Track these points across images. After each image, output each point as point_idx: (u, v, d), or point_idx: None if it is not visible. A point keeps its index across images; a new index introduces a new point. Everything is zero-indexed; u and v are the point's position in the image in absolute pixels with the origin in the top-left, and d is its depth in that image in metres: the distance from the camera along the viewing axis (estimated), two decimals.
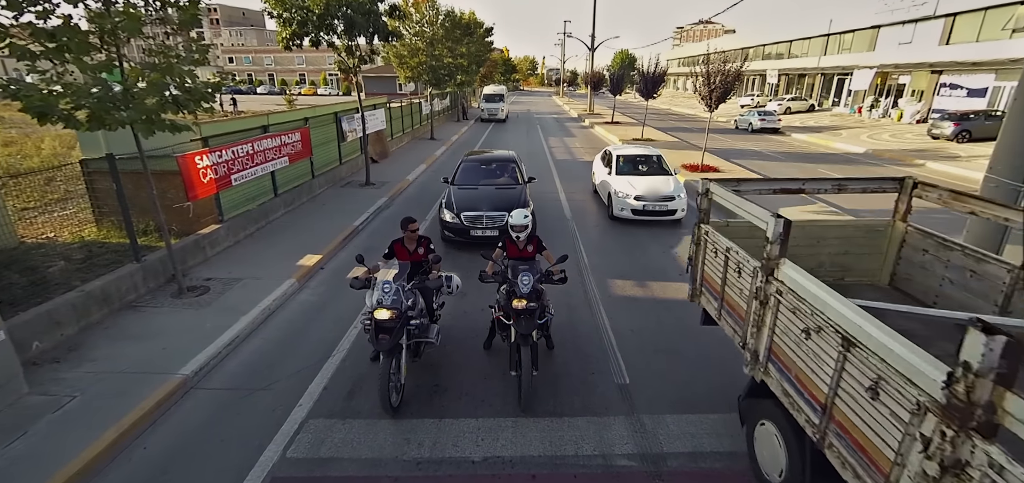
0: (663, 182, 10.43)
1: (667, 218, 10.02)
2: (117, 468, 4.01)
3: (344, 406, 4.77)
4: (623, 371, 5.32)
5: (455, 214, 8.55)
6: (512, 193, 9.24)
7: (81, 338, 5.65)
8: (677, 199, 9.98)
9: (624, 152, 11.86)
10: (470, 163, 10.44)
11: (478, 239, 8.40)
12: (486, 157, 10.92)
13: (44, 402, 4.54)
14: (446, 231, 8.72)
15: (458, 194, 9.10)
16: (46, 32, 4.86)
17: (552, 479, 3.92)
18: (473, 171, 10.17)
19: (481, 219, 8.49)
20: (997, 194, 5.71)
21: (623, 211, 10.05)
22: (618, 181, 10.52)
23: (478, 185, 9.52)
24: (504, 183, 9.84)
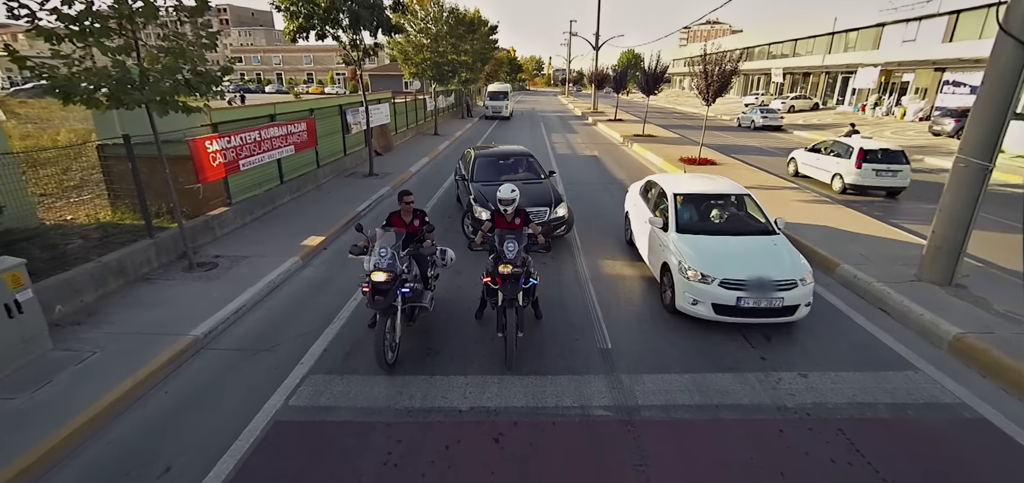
0: (767, 253, 5.95)
1: (780, 320, 5.64)
2: (135, 411, 4.38)
3: (342, 364, 5.12)
4: (606, 338, 5.64)
5: (490, 211, 7.81)
6: (541, 188, 8.90)
7: (98, 305, 6.05)
8: (799, 286, 5.47)
9: (686, 188, 7.16)
10: (487, 159, 9.95)
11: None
12: (502, 152, 10.45)
13: (67, 356, 4.92)
14: (476, 224, 8.18)
15: (488, 191, 8.37)
16: (70, 16, 5.25)
17: (533, 426, 4.23)
18: (492, 167, 9.66)
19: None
20: (966, 174, 5.97)
21: (698, 306, 5.62)
22: (682, 246, 6.03)
23: (502, 181, 8.96)
24: (528, 178, 9.45)
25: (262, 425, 4.23)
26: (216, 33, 6.51)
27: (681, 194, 7.04)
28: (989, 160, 5.78)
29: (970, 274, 6.71)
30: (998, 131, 5.69)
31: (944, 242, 6.29)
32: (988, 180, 5.91)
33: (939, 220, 6.32)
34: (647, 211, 7.52)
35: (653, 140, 22.21)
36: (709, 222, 6.87)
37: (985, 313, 5.71)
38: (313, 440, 4.07)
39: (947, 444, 4.00)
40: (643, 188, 8.35)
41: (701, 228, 6.61)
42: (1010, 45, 5.40)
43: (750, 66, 56.28)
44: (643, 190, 8.32)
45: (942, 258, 6.33)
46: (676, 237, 6.33)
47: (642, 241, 7.57)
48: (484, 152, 10.38)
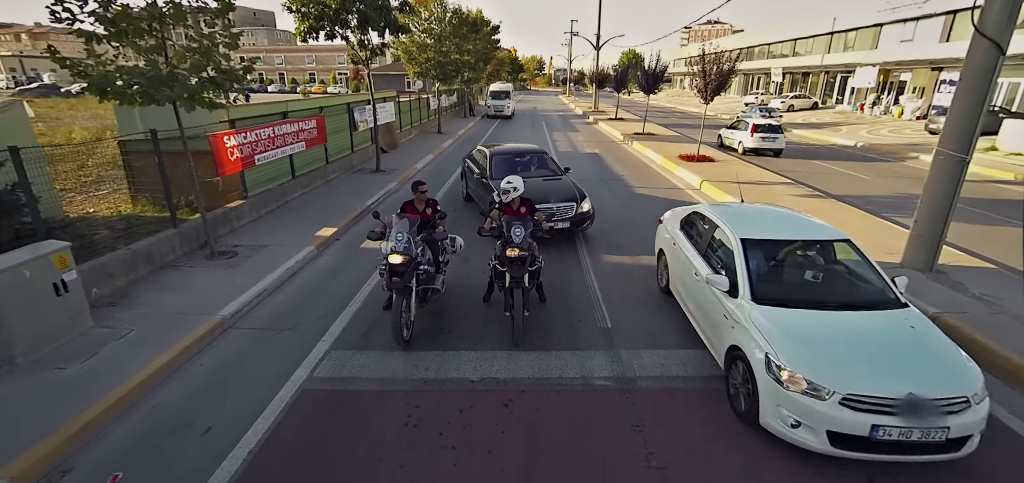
0: (907, 343, 3.98)
1: (940, 457, 3.55)
2: (174, 381, 4.78)
3: (361, 341, 5.51)
4: (606, 319, 6.03)
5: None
6: (563, 184, 9.02)
7: (130, 288, 6.44)
8: (971, 405, 3.49)
9: (757, 230, 5.09)
10: (504, 157, 9.97)
11: (554, 232, 7.66)
12: (517, 149, 10.55)
13: (107, 333, 5.32)
14: None
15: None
16: (108, 18, 5.64)
17: (539, 394, 4.62)
18: (509, 164, 9.67)
19: (553, 211, 8.04)
20: (945, 166, 6.34)
21: (801, 430, 3.66)
22: (768, 327, 4.10)
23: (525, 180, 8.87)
24: (546, 174, 9.60)
25: (291, 393, 4.62)
26: (239, 33, 6.90)
27: (753, 239, 4.82)
28: (966, 153, 6.15)
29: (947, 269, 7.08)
30: (974, 125, 6.06)
31: (925, 231, 6.66)
32: (965, 172, 6.28)
33: (920, 210, 6.69)
34: (696, 257, 5.44)
35: (653, 138, 22.59)
36: (800, 284, 4.68)
37: (962, 296, 6.09)
38: (339, 405, 4.47)
39: None
40: (686, 221, 6.15)
41: (790, 295, 4.40)
42: (984, 45, 5.78)
43: (750, 66, 56.63)
44: (686, 224, 6.15)
45: (923, 246, 6.71)
46: (755, 311, 4.22)
47: (691, 301, 5.45)
48: (500, 150, 10.41)
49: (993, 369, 4.86)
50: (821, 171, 16.06)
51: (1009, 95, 25.58)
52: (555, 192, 8.56)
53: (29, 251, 4.92)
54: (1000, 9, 5.60)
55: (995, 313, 5.62)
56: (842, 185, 13.62)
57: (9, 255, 4.77)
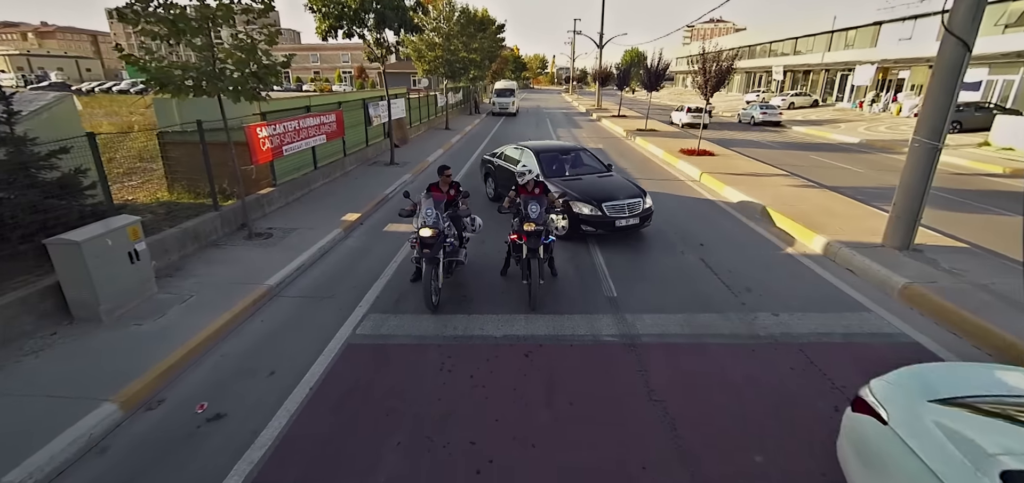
0: None
1: None
2: (236, 335, 5.49)
3: (394, 306, 6.20)
4: (612, 289, 6.70)
5: (596, 207, 8.07)
6: (620, 180, 9.27)
7: (182, 263, 7.15)
8: None
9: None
10: (550, 154, 9.92)
11: (623, 229, 8.15)
12: (559, 147, 10.50)
13: (171, 298, 6.02)
14: (586, 225, 8.12)
15: (574, 185, 8.69)
16: (169, 19, 6.34)
17: (555, 348, 5.30)
18: (556, 162, 9.70)
19: (623, 209, 8.12)
20: (920, 152, 6.99)
21: None
22: None
23: (580, 176, 9.27)
24: (597, 170, 9.72)
25: (338, 346, 5.31)
26: (278, 32, 7.58)
27: None
28: (938, 140, 6.79)
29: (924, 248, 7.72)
30: (945, 116, 6.70)
31: (903, 212, 7.30)
32: (938, 158, 6.92)
33: (899, 193, 7.34)
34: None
35: (655, 134, 23.23)
36: None
37: (934, 270, 6.74)
38: (380, 355, 5.15)
39: (882, 357, 5.03)
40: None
41: None
42: (952, 42, 6.42)
43: (752, 64, 57.14)
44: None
45: (901, 226, 7.36)
46: None
47: None
48: (545, 148, 10.28)
49: (952, 326, 5.54)
50: (817, 164, 16.69)
51: (1003, 92, 26.12)
52: (620, 189, 8.60)
53: (108, 223, 5.62)
54: (966, 11, 6.24)
55: (959, 282, 6.27)
56: (836, 177, 14.24)
57: (93, 226, 5.47)
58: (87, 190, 6.96)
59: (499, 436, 3.97)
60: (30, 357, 4.73)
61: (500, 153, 11.24)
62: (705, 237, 8.77)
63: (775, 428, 4.05)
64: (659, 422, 4.14)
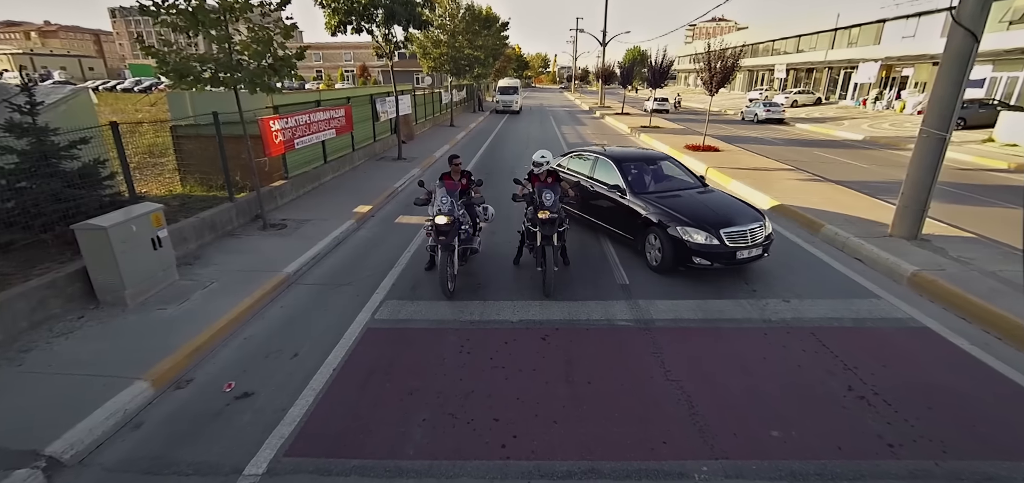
0: None
1: None
2: (258, 320, 5.60)
3: (411, 293, 6.31)
4: (624, 277, 6.80)
5: (712, 234, 6.34)
6: (726, 197, 7.69)
7: (200, 251, 7.26)
8: None
9: None
10: (634, 163, 8.06)
11: (743, 261, 6.47)
12: (645, 154, 8.80)
13: (193, 284, 6.13)
14: (699, 256, 6.35)
15: (674, 205, 6.93)
16: (189, 13, 6.45)
17: (571, 331, 5.40)
18: (643, 173, 7.98)
19: (745, 237, 6.45)
20: (928, 143, 7.08)
21: None
22: None
23: (676, 193, 7.48)
24: (692, 184, 7.97)
25: (358, 330, 5.42)
26: (293, 25, 7.69)
27: None
28: (946, 130, 6.88)
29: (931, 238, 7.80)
30: (953, 106, 6.78)
31: (911, 202, 7.39)
32: (946, 148, 7.01)
33: (906, 184, 7.42)
34: None
35: (659, 131, 23.31)
36: None
37: (941, 258, 6.83)
38: (400, 338, 5.26)
39: (893, 342, 5.13)
40: None
41: None
42: (961, 33, 6.51)
43: (755, 62, 57.14)
44: None
45: (909, 216, 7.44)
46: None
47: None
48: (627, 156, 8.35)
49: (961, 311, 5.63)
50: (822, 160, 16.75)
51: (1007, 89, 26.14)
52: (736, 211, 6.94)
53: (131, 210, 5.73)
54: (974, 2, 6.32)
55: (967, 270, 6.36)
56: (841, 172, 14.31)
57: (119, 213, 5.59)
58: (105, 180, 7.10)
59: (521, 413, 4.08)
60: (61, 338, 4.84)
61: (563, 161, 9.29)
62: None
63: (789, 405, 4.15)
64: (676, 400, 4.24)
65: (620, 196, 7.57)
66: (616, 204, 7.63)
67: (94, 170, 7.11)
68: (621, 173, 7.73)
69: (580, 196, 8.52)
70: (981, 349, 5.00)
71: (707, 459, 3.59)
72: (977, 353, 4.93)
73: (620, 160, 8.01)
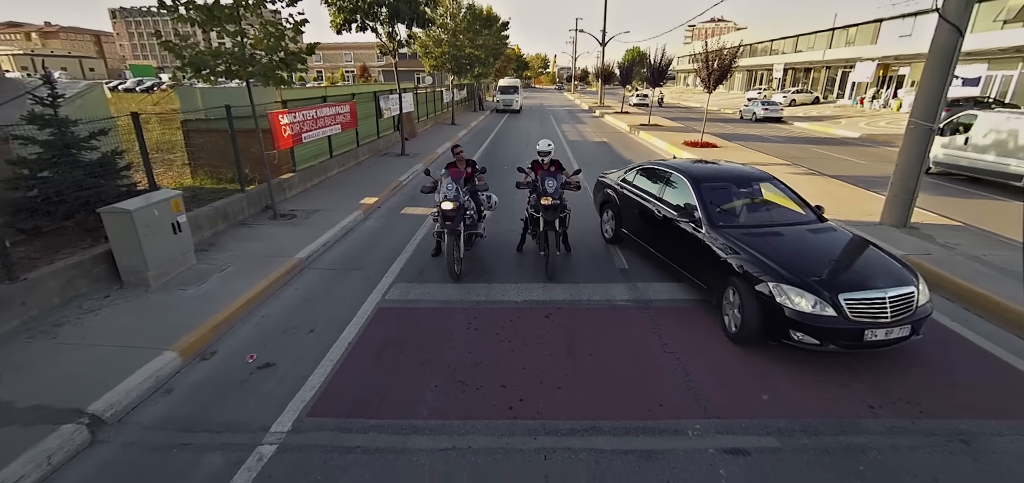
0: None
1: None
2: (274, 300, 5.87)
3: (418, 277, 6.58)
4: (623, 262, 7.08)
5: (825, 298, 4.30)
6: (850, 237, 5.41)
7: (214, 238, 7.53)
8: None
9: None
10: (716, 184, 6.07)
11: (876, 345, 4.31)
12: (733, 172, 6.54)
13: (210, 268, 6.40)
14: (800, 330, 4.33)
15: (769, 245, 5.00)
16: (206, 8, 6.72)
17: (573, 310, 5.67)
18: (728, 197, 6.05)
19: (883, 306, 4.29)
20: (915, 134, 7.36)
21: None
22: None
23: (776, 228, 5.48)
24: (804, 218, 5.81)
25: (370, 309, 5.69)
26: (305, 21, 7.96)
27: None
28: (933, 121, 7.16)
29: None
30: (939, 98, 7.07)
31: (900, 192, 7.67)
32: (933, 138, 7.29)
33: (895, 174, 7.71)
34: None
35: (658, 129, 23.59)
36: None
37: (929, 244, 7.11)
38: (410, 316, 5.53)
39: None
40: None
41: None
42: (946, 28, 6.79)
43: (753, 62, 57.47)
44: None
45: (898, 205, 7.72)
46: None
47: None
48: (708, 174, 6.29)
49: (945, 291, 5.91)
50: (819, 156, 17.04)
51: (1002, 88, 26.45)
52: (870, 264, 4.80)
53: (150, 197, 6.00)
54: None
55: (953, 254, 6.64)
56: (838, 167, 14.60)
57: (142, 198, 5.86)
58: (122, 171, 7.36)
59: (527, 380, 4.35)
60: (90, 315, 5.11)
61: (628, 176, 7.54)
62: None
63: (780, 374, 4.42)
64: (672, 370, 4.52)
65: (693, 227, 5.65)
66: (686, 236, 5.74)
67: (112, 161, 7.39)
68: (697, 194, 5.84)
69: (646, 222, 6.72)
70: (961, 325, 5.28)
71: (700, 419, 3.86)
72: (957, 329, 5.22)
73: (699, 178, 6.10)
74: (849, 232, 5.65)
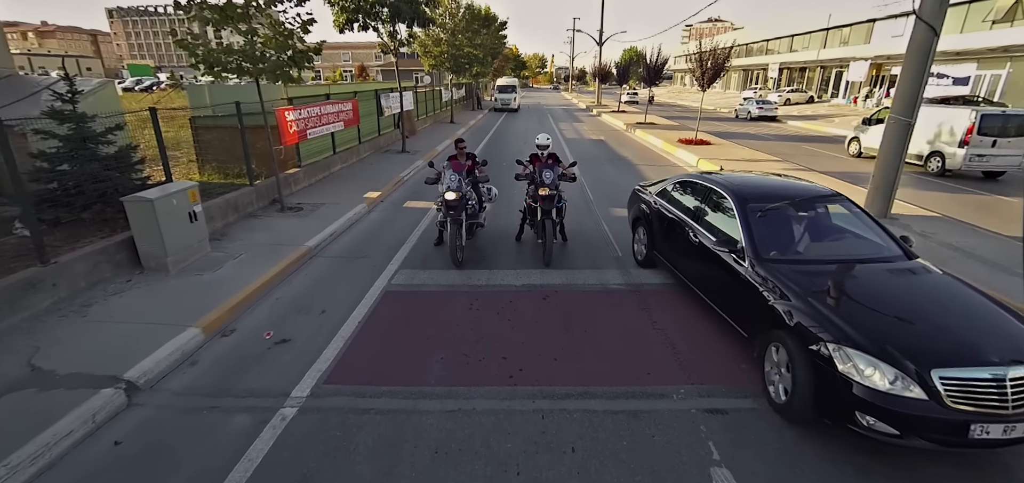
0: None
1: None
2: (287, 284, 6.21)
3: (422, 264, 6.92)
4: (617, 249, 7.44)
5: (910, 373, 3.16)
6: (955, 291, 4.00)
7: (225, 229, 7.85)
8: None
9: None
10: (771, 205, 4.89)
11: (984, 445, 3.07)
12: (785, 188, 5.36)
13: (224, 256, 6.73)
14: (872, 414, 3.17)
15: (844, 302, 3.79)
16: (219, 8, 7.05)
17: (569, 293, 6.02)
18: (787, 225, 4.87)
19: (1002, 389, 3.06)
20: (895, 128, 7.74)
21: None
22: None
23: (850, 268, 4.35)
24: (882, 252, 4.61)
25: (377, 293, 6.02)
26: (312, 20, 8.29)
27: None
28: (911, 117, 7.53)
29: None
30: (916, 94, 7.44)
31: (881, 183, 8.05)
32: (911, 132, 7.67)
33: (877, 166, 8.08)
34: None
35: (654, 127, 23.96)
36: None
37: (907, 232, 7.48)
38: (415, 298, 5.88)
39: None
40: None
41: None
42: (922, 28, 7.17)
43: (749, 61, 57.95)
44: None
45: (880, 196, 8.10)
46: None
47: None
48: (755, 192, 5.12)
49: None
50: (810, 153, 17.45)
51: (991, 87, 26.92)
52: (980, 326, 3.59)
53: (167, 188, 6.32)
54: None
55: (928, 242, 7.02)
56: (828, 164, 15.00)
57: (163, 187, 6.19)
58: (136, 165, 7.69)
59: (526, 353, 4.70)
60: (115, 297, 5.43)
61: (663, 191, 6.44)
62: None
63: None
64: (661, 343, 4.88)
65: (734, 257, 4.57)
66: (725, 268, 4.67)
67: (127, 155, 7.71)
68: (741, 215, 4.73)
69: (680, 244, 5.67)
70: None
71: (685, 385, 4.22)
72: None
73: (745, 195, 4.95)
74: (950, 276, 4.22)
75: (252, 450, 3.45)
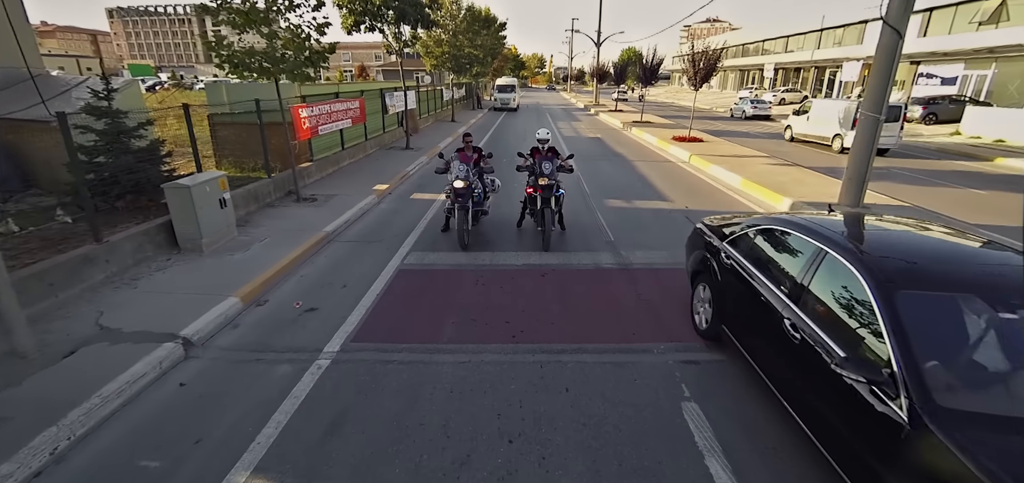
0: None
1: None
2: (309, 264, 6.85)
3: (431, 247, 7.56)
4: (610, 234, 8.09)
5: None
6: None
7: (247, 217, 8.48)
8: None
9: None
10: (940, 299, 2.72)
11: None
12: (967, 258, 3.16)
13: (250, 239, 7.36)
14: None
15: None
16: (243, 12, 7.69)
17: (565, 271, 6.66)
18: (988, 357, 2.60)
19: None
20: (866, 123, 8.40)
21: None
22: None
23: None
24: None
25: (392, 270, 6.67)
26: (327, 23, 8.92)
27: None
28: (880, 113, 8.19)
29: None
30: (884, 92, 8.09)
31: (854, 175, 8.70)
32: (881, 127, 8.32)
33: (850, 159, 8.73)
34: None
35: (650, 125, 24.63)
36: None
37: None
38: (427, 274, 6.52)
39: None
40: None
41: None
42: (888, 31, 7.82)
43: (745, 62, 58.66)
44: None
45: (853, 187, 8.75)
46: None
47: None
48: (908, 271, 2.91)
49: None
50: (800, 150, 18.10)
51: (977, 86, 27.65)
52: None
53: (203, 176, 6.96)
54: (898, 5, 7.64)
55: None
56: (816, 160, 15.66)
57: (196, 176, 6.82)
58: (164, 158, 8.32)
59: (526, 318, 5.35)
60: (158, 273, 6.07)
61: (741, 237, 4.52)
62: (690, 200, 10.18)
63: None
64: (645, 310, 5.53)
65: (873, 389, 2.60)
66: (853, 402, 2.71)
67: (156, 148, 8.35)
68: (887, 317, 2.66)
69: (766, 333, 3.73)
70: None
71: (665, 343, 4.87)
72: None
73: (890, 274, 2.86)
74: None
75: (296, 390, 4.10)
